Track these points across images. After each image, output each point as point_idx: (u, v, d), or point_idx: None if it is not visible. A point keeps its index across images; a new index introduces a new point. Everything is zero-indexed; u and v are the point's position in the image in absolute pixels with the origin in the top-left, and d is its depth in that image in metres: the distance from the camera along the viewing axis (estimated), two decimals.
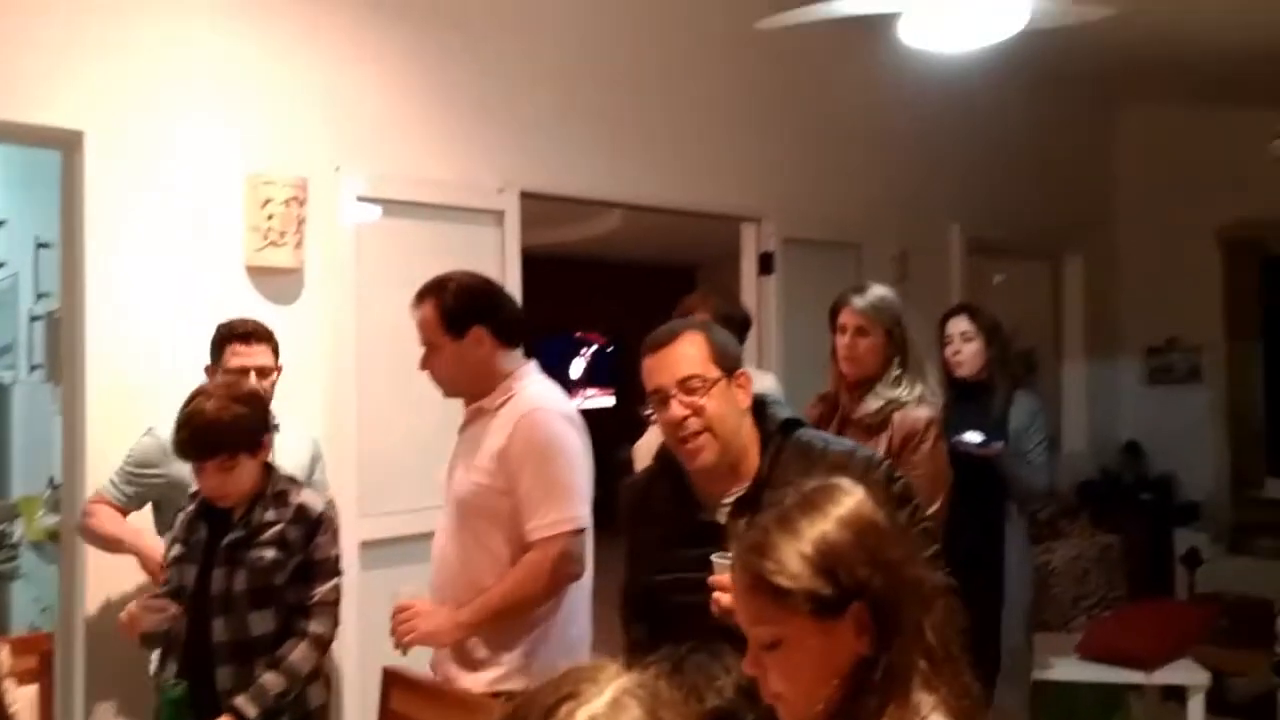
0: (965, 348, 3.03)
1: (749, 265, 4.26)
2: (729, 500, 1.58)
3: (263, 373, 2.46)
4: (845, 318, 2.49)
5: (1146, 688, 3.61)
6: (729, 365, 1.61)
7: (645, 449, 2.84)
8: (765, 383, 2.84)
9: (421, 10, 3.27)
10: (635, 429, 2.64)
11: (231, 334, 2.46)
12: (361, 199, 3.12)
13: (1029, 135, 5.39)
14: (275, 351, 2.53)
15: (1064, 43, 4.36)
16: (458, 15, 3.34)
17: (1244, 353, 5.62)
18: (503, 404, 2.07)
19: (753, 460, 1.60)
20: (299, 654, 2.03)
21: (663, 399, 1.58)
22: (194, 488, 2.15)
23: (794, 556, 1.07)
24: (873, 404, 2.44)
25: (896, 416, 2.41)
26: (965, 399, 3.02)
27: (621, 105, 3.71)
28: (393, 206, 3.19)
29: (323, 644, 2.08)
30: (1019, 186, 5.32)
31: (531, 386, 2.09)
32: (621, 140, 3.70)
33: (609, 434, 3.93)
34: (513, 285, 3.38)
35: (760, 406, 1.65)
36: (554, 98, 3.52)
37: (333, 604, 2.11)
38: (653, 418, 1.68)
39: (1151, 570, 5.03)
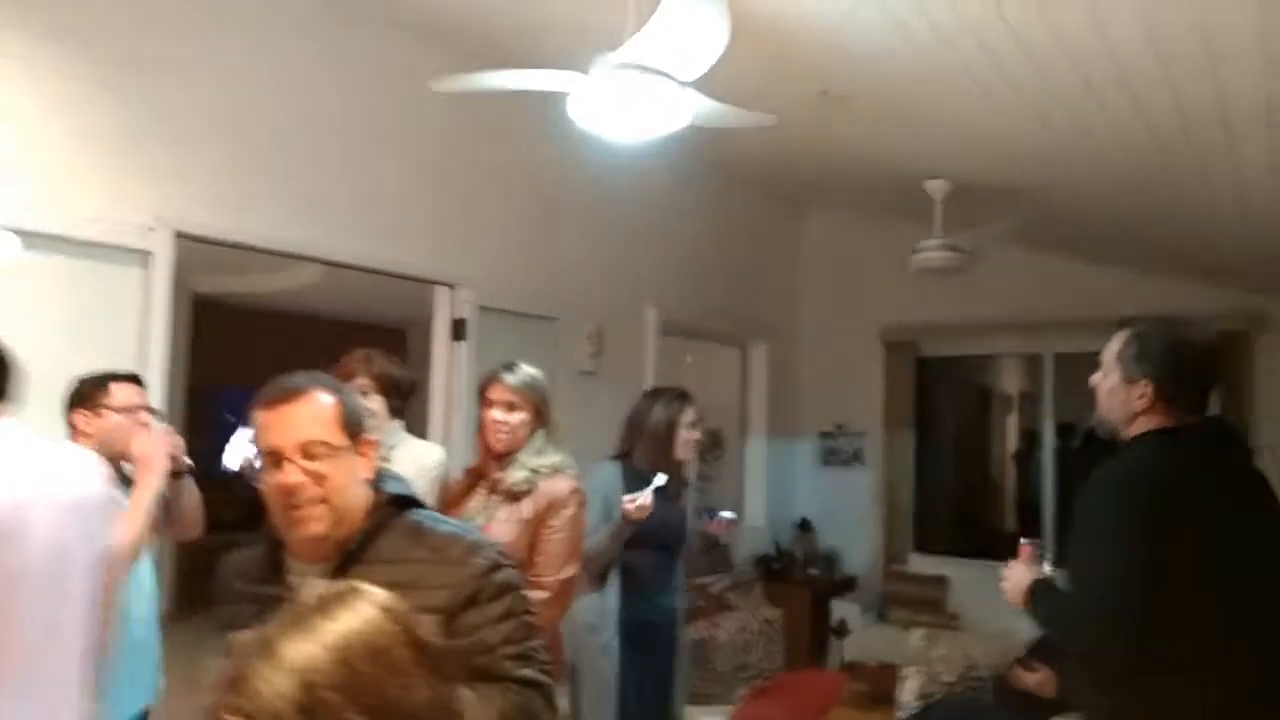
0: (695, 435, 3.18)
1: (441, 330, 4.20)
2: (312, 574, 1.48)
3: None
4: (495, 393, 2.55)
5: None
6: (355, 431, 1.52)
7: None
8: (433, 456, 2.77)
9: (79, 34, 2.97)
10: None
11: None
12: None
13: (723, 229, 5.78)
14: None
15: (751, 150, 4.77)
16: (126, 46, 3.06)
17: (899, 440, 6.26)
18: None
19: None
20: None
21: (276, 461, 1.45)
22: None
23: (271, 692, 0.85)
24: (518, 473, 2.50)
25: (542, 484, 2.49)
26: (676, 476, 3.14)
27: (306, 156, 3.55)
28: (32, 239, 2.83)
29: None
30: (712, 276, 5.67)
31: None
32: (303, 192, 3.53)
33: None
34: (159, 331, 3.10)
35: (377, 479, 1.57)
36: (226, 141, 3.30)
37: None
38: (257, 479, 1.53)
39: (811, 640, 5.40)
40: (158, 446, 2.26)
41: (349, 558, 1.48)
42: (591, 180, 4.70)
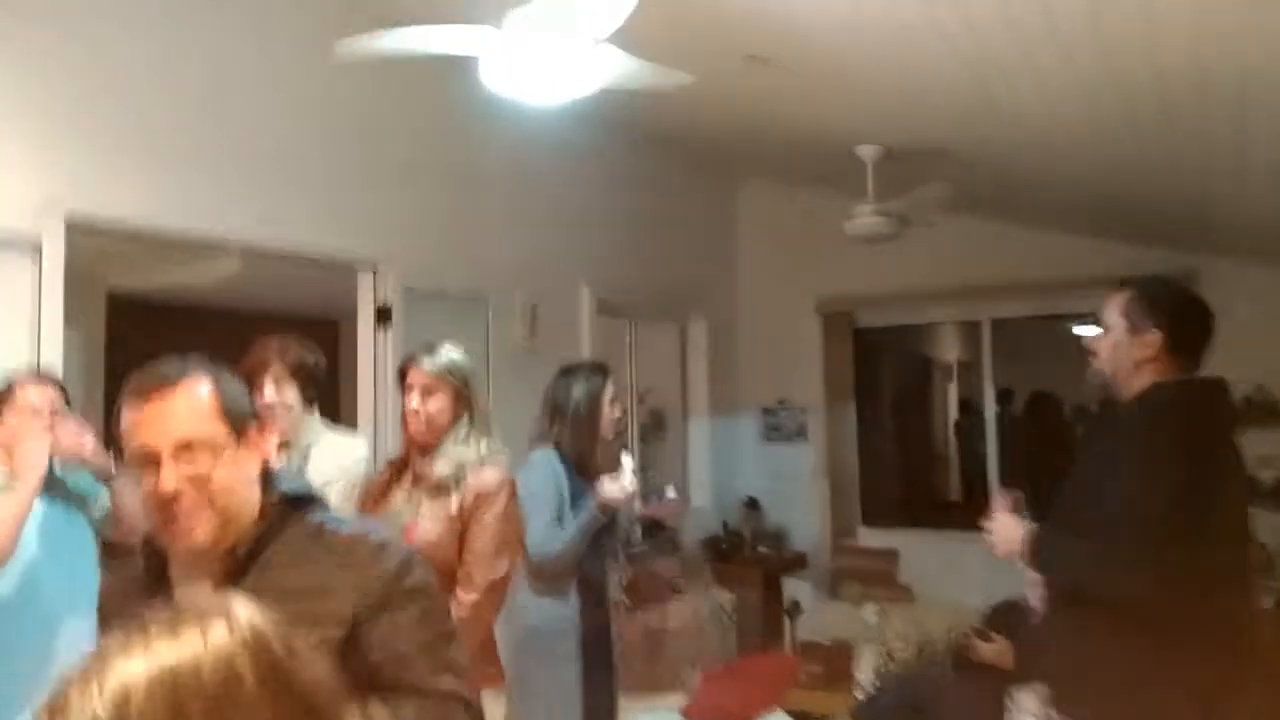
0: (620, 410, 3.01)
1: (365, 316, 3.99)
2: (201, 588, 1.30)
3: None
4: (413, 378, 2.38)
5: None
6: (240, 422, 1.32)
7: None
8: (356, 451, 2.58)
9: None
10: None
11: None
12: None
13: (656, 203, 5.64)
14: None
15: (680, 120, 4.63)
16: (5, 4, 2.79)
17: (840, 413, 6.21)
18: None
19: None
20: None
21: (150, 462, 1.25)
22: None
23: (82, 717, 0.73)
24: (442, 465, 2.33)
25: (470, 477, 2.33)
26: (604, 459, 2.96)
27: (210, 133, 3.29)
28: None
29: None
30: (647, 251, 5.52)
31: None
32: (209, 172, 3.28)
33: None
34: (52, 326, 2.84)
35: (267, 476, 1.39)
36: (123, 120, 3.04)
37: None
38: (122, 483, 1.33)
39: (763, 622, 5.31)
40: (37, 452, 2.04)
41: (240, 566, 1.30)
42: (514, 153, 4.51)
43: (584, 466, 2.85)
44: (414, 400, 2.36)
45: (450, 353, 2.42)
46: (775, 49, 3.31)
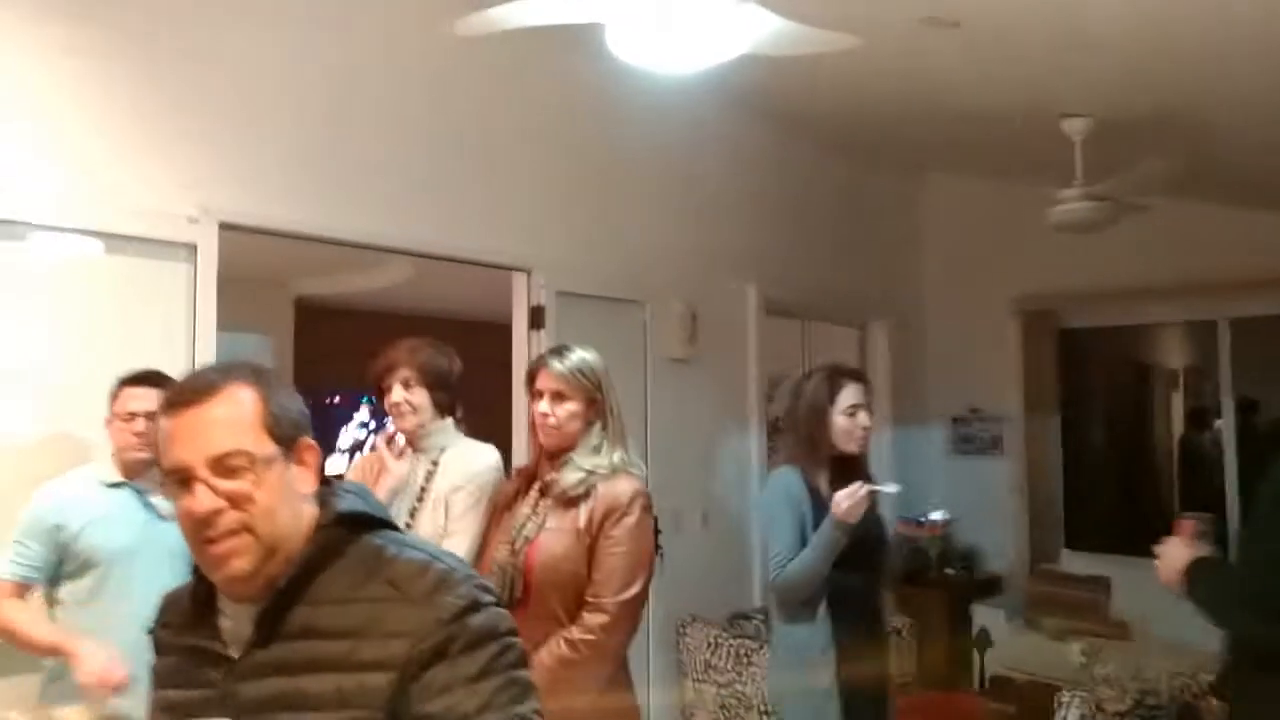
0: (870, 423, 2.64)
1: (519, 319, 3.89)
2: (249, 617, 1.14)
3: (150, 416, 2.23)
4: (542, 382, 2.20)
5: None
6: (289, 435, 1.16)
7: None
8: (486, 459, 2.42)
9: (108, 14, 2.77)
10: None
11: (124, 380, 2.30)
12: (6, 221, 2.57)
13: (828, 199, 5.28)
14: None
15: (854, 96, 4.26)
16: (161, 26, 2.86)
17: (1042, 424, 5.61)
18: None
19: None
20: None
21: (184, 480, 1.11)
22: None
23: None
24: (572, 476, 2.14)
25: (601, 487, 2.13)
26: (844, 481, 2.60)
27: (354, 141, 3.27)
28: (68, 236, 2.66)
29: None
30: (821, 250, 5.17)
31: None
32: (355, 179, 3.26)
33: None
34: (206, 326, 2.87)
35: (326, 493, 1.21)
36: (271, 128, 3.07)
37: None
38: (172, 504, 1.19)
39: (949, 652, 4.83)
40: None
41: (282, 597, 1.13)
42: (669, 149, 4.30)
43: (817, 483, 2.58)
44: (543, 405, 2.18)
45: (582, 354, 2.22)
46: (959, 8, 2.92)
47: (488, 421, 2.62)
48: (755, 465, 4.75)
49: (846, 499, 2.45)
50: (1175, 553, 1.85)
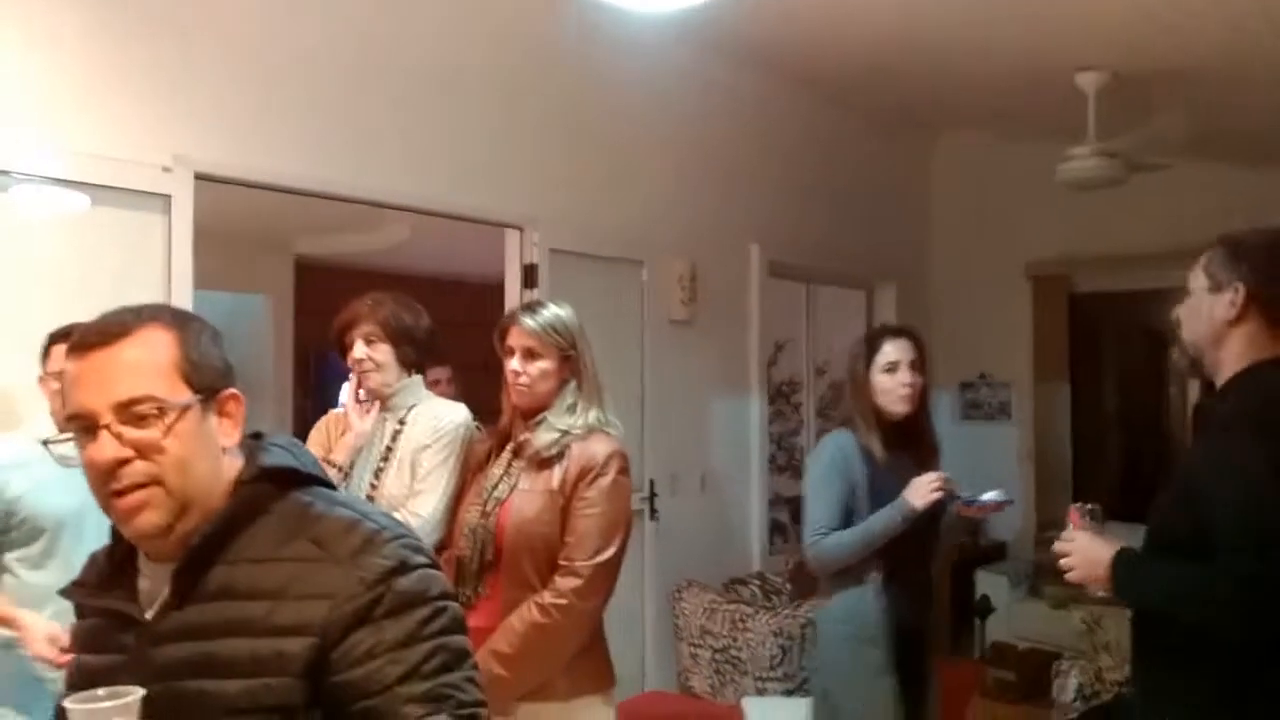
0: (915, 379, 2.49)
1: (512, 276, 3.81)
2: (165, 577, 1.07)
3: None
4: (513, 338, 2.11)
5: None
6: (209, 383, 1.08)
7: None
8: (454, 416, 2.33)
9: None
10: None
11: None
12: None
13: (836, 157, 5.13)
14: None
15: (861, 51, 4.12)
16: None
17: (1051, 391, 5.50)
18: None
19: None
20: None
21: (88, 428, 1.03)
22: None
23: None
24: (545, 436, 2.07)
25: (575, 448, 2.05)
26: (901, 444, 2.50)
27: (338, 90, 3.17)
28: (38, 183, 2.59)
29: None
30: (827, 210, 5.04)
31: None
32: (339, 129, 3.17)
33: None
34: (182, 280, 2.80)
35: (252, 448, 1.14)
36: (251, 76, 2.97)
37: None
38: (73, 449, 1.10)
39: (952, 619, 4.77)
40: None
41: (198, 555, 1.06)
42: (673, 106, 4.17)
43: (870, 447, 2.46)
44: (514, 363, 2.10)
45: (555, 310, 2.14)
46: None
47: (487, 380, 2.54)
48: (756, 430, 4.67)
49: (926, 487, 2.35)
50: (1090, 546, 1.65)
